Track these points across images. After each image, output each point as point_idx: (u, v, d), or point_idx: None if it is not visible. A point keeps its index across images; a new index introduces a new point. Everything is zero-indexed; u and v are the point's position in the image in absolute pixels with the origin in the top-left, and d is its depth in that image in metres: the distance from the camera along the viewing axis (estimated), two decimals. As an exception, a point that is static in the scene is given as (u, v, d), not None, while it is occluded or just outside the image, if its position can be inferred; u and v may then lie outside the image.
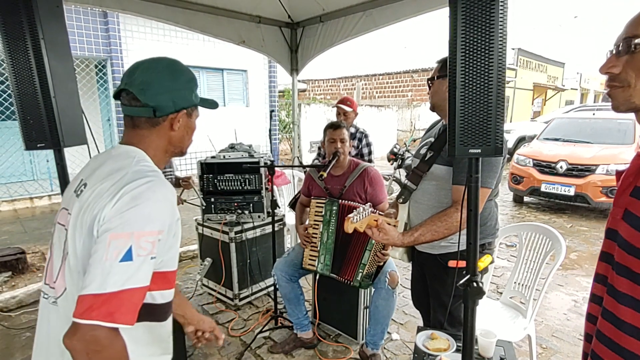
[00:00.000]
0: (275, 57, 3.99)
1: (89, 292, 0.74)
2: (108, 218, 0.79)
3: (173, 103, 0.94)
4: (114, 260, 0.75)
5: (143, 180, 0.84)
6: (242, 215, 2.90)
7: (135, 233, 0.77)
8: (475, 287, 1.16)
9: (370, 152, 3.34)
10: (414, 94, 16.87)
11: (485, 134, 1.05)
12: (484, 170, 1.42)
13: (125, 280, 0.76)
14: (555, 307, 3.08)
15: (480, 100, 1.04)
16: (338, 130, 2.31)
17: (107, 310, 0.74)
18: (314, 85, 20.57)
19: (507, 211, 6.03)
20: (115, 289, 0.74)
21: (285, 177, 3.37)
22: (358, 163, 2.38)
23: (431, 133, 1.73)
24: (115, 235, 0.77)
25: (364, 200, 2.30)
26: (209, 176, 2.89)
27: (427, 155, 1.60)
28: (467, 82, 1.03)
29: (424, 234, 1.47)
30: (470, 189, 1.15)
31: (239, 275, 2.87)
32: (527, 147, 6.62)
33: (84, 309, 0.73)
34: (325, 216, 2.24)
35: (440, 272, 1.62)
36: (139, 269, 0.77)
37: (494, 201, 1.62)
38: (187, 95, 0.97)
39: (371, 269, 2.14)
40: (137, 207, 0.79)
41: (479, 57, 1.01)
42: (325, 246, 2.24)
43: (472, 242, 1.18)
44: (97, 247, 0.77)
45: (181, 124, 0.97)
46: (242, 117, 8.81)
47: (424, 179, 1.61)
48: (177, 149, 1.00)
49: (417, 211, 1.65)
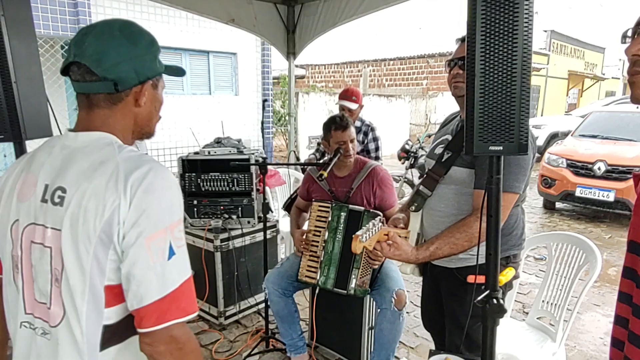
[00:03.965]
0: (269, 38, 4.01)
1: (153, 300, 0.82)
2: (132, 220, 0.82)
3: (136, 73, 0.91)
4: (163, 260, 0.83)
5: (144, 168, 0.85)
6: (229, 220, 2.91)
7: (168, 228, 0.84)
8: (495, 304, 1.17)
9: (377, 149, 3.34)
10: (429, 82, 16.88)
11: (508, 128, 1.05)
12: (511, 172, 1.41)
13: (179, 273, 0.85)
14: (590, 330, 3.08)
15: (502, 89, 1.04)
16: (347, 132, 2.27)
17: (178, 306, 0.84)
18: (313, 71, 20.59)
19: (536, 219, 6.04)
20: (176, 285, 0.84)
21: (280, 176, 3.38)
22: (365, 162, 2.38)
23: (447, 129, 1.71)
24: (151, 236, 0.82)
25: (372, 204, 2.31)
26: (191, 175, 2.90)
27: (444, 156, 1.59)
28: (487, 68, 1.04)
29: (441, 248, 1.46)
30: (491, 192, 1.16)
31: (224, 290, 2.88)
32: (560, 145, 6.62)
33: (156, 315, 0.82)
34: (332, 222, 2.24)
35: (457, 288, 1.61)
36: (184, 259, 0.87)
37: (520, 207, 1.61)
38: (150, 62, 0.94)
39: (365, 273, 2.16)
40: (157, 200, 0.84)
41: (501, 40, 1.02)
42: (331, 257, 2.23)
43: (493, 252, 1.18)
44: (135, 254, 0.82)
45: (147, 98, 0.95)
46: (231, 107, 8.81)
47: (440, 183, 1.60)
48: (145, 129, 0.98)
49: (432, 220, 1.64)
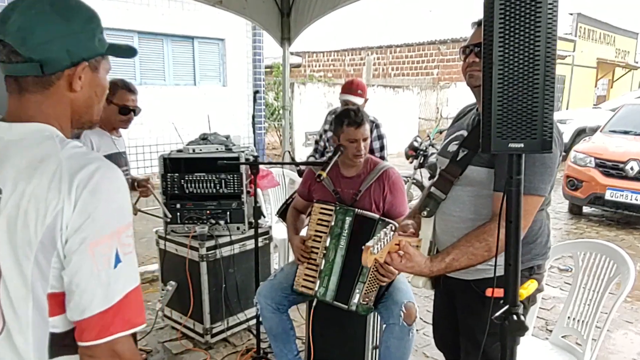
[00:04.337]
0: (261, 22, 4.00)
1: (96, 311, 0.84)
2: (76, 224, 0.83)
3: (68, 53, 0.89)
4: (108, 269, 0.85)
5: (90, 167, 0.86)
6: (216, 226, 2.90)
7: (113, 233, 0.86)
8: (515, 320, 1.16)
9: (382, 148, 3.36)
10: (441, 72, 16.93)
11: (530, 123, 1.05)
12: (535, 172, 1.40)
13: (125, 283, 0.87)
14: (622, 350, 3.08)
15: (523, 78, 1.03)
16: (361, 129, 2.22)
17: (123, 318, 0.86)
18: (311, 60, 20.64)
19: (561, 225, 6.05)
20: (122, 296, 0.86)
21: (273, 177, 3.38)
22: (376, 162, 2.39)
23: (462, 123, 1.71)
24: (95, 242, 0.84)
25: (380, 210, 2.31)
26: (174, 175, 2.89)
27: (459, 153, 1.59)
28: (507, 55, 1.03)
29: (458, 259, 1.46)
30: (510, 195, 1.15)
31: (211, 304, 2.88)
32: (587, 142, 6.64)
33: (98, 328, 0.84)
34: (335, 227, 2.25)
35: (474, 303, 1.60)
36: (131, 267, 0.89)
37: (545, 211, 1.61)
38: (87, 40, 0.92)
39: (372, 289, 2.15)
40: (104, 203, 0.85)
41: (522, 23, 1.02)
42: (332, 266, 2.25)
43: (513, 262, 1.18)
44: (78, 262, 0.84)
45: (84, 82, 0.93)
46: (218, 100, 8.83)
47: (455, 185, 1.60)
48: (84, 118, 0.97)
49: (446, 227, 1.64)
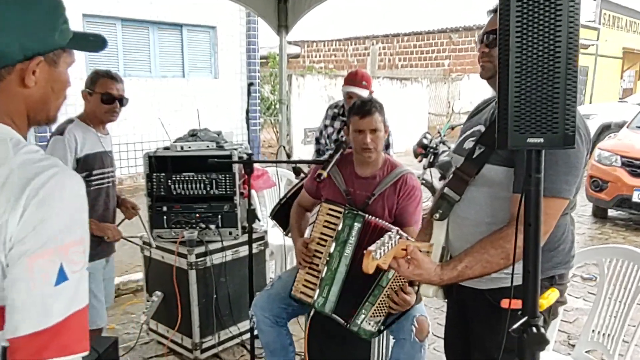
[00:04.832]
0: (256, 8, 4.01)
1: (28, 332, 0.80)
2: (18, 238, 0.83)
3: (20, 46, 0.89)
4: (47, 286, 0.82)
5: (43, 176, 0.85)
6: (206, 231, 2.90)
7: (59, 248, 0.84)
8: (534, 333, 1.15)
9: (388, 146, 3.34)
10: (452, 63, 16.94)
11: (551, 115, 1.04)
12: (558, 172, 1.40)
13: (68, 304, 0.84)
14: (651, 366, 3.09)
15: (543, 67, 1.04)
16: (367, 119, 2.23)
17: (59, 343, 0.82)
18: (310, 49, 20.65)
19: (584, 229, 6.05)
20: (62, 318, 0.83)
21: (269, 177, 3.38)
22: (395, 165, 2.40)
23: (479, 118, 1.71)
24: (35, 256, 0.82)
25: (392, 217, 2.31)
26: (160, 175, 2.89)
27: (476, 151, 1.59)
28: (525, 42, 1.03)
29: (471, 267, 1.46)
30: (529, 196, 1.15)
31: (201, 317, 2.88)
32: (613, 139, 6.64)
33: (31, 350, 0.80)
34: (342, 233, 2.22)
35: (490, 314, 1.60)
36: (77, 287, 0.86)
37: (569, 215, 1.61)
38: (44, 33, 0.93)
39: (379, 313, 2.13)
40: (52, 215, 0.84)
41: (541, 8, 1.02)
42: (334, 274, 2.22)
43: (532, 270, 1.18)
44: (15, 276, 0.83)
45: (39, 77, 0.93)
46: (209, 93, 8.82)
47: (471, 185, 1.60)
48: (40, 115, 0.98)
49: (460, 231, 1.64)
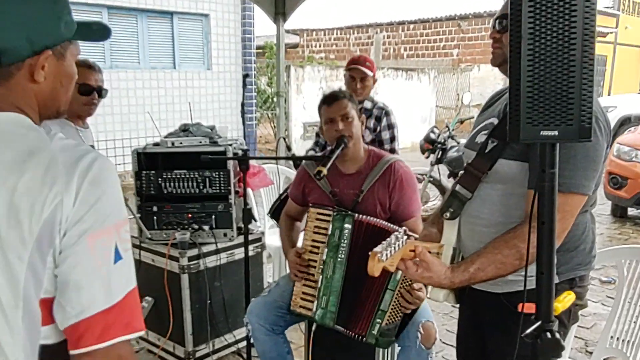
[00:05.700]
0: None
1: (97, 311, 0.88)
2: (77, 216, 0.88)
3: (28, 41, 0.92)
4: (108, 264, 0.90)
5: (87, 158, 0.91)
6: (199, 232, 2.91)
7: (115, 226, 0.92)
8: (548, 339, 1.15)
9: (393, 139, 3.37)
10: (461, 52, 16.93)
11: (566, 106, 1.05)
12: (577, 167, 1.40)
13: (125, 282, 0.92)
14: (674, 375, 3.10)
15: (558, 54, 1.04)
16: (337, 104, 2.28)
17: (123, 321, 0.90)
18: (310, 38, 20.64)
19: (602, 229, 6.05)
20: (122, 296, 0.91)
21: (266, 175, 3.38)
22: (380, 155, 2.39)
23: (493, 110, 1.72)
24: (96, 234, 0.89)
25: (387, 212, 2.31)
26: (149, 173, 2.90)
27: (489, 145, 1.59)
28: (538, 27, 1.04)
29: (484, 268, 1.46)
30: (543, 191, 1.16)
31: (194, 324, 2.88)
32: (633, 133, 6.64)
33: (100, 330, 0.88)
34: (333, 237, 2.22)
35: (505, 320, 1.58)
36: (130, 266, 0.94)
37: (589, 213, 1.61)
38: (51, 25, 0.95)
39: (394, 319, 2.13)
40: (105, 194, 0.91)
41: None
42: (330, 283, 2.23)
43: (546, 271, 1.18)
44: (77, 255, 0.88)
45: (48, 72, 0.96)
46: (201, 86, 8.83)
47: (483, 182, 1.60)
48: (51, 109, 1.02)
49: (472, 231, 1.65)
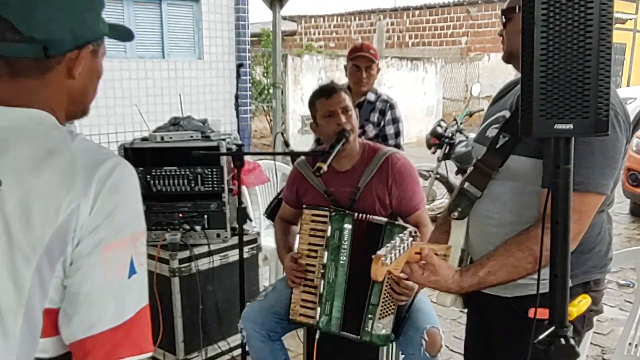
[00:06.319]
0: (245, -22, 4.00)
1: (106, 328, 0.88)
2: (92, 225, 0.88)
3: (73, 35, 0.94)
4: (122, 279, 0.90)
5: (109, 163, 0.91)
6: (191, 233, 2.92)
7: (131, 237, 0.91)
8: (562, 345, 1.16)
9: (397, 134, 3.38)
10: (470, 40, 16.94)
11: (581, 98, 1.05)
12: (594, 164, 1.40)
13: (138, 299, 0.92)
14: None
15: (573, 44, 1.04)
16: (336, 96, 2.29)
17: (132, 340, 0.91)
18: (308, 26, 20.64)
19: (620, 229, 6.09)
20: (133, 313, 0.91)
21: (261, 172, 3.38)
22: (376, 149, 2.40)
23: (504, 103, 1.73)
24: (111, 246, 0.89)
25: (388, 208, 2.32)
26: (137, 170, 2.87)
27: (500, 140, 1.60)
28: (552, 15, 1.03)
29: (494, 272, 1.47)
30: (557, 188, 1.16)
31: (185, 330, 2.89)
32: (653, 127, 6.63)
33: (107, 348, 0.88)
34: (332, 238, 2.23)
35: (515, 326, 1.59)
36: (144, 281, 0.94)
37: (606, 213, 1.61)
38: (92, 21, 0.98)
39: (387, 311, 2.16)
40: (123, 203, 0.92)
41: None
42: (333, 288, 2.24)
43: (560, 273, 1.18)
44: (89, 267, 0.88)
45: (84, 68, 0.98)
46: (192, 76, 8.83)
47: (494, 179, 1.60)
48: (78, 108, 1.03)
49: (482, 232, 1.66)
